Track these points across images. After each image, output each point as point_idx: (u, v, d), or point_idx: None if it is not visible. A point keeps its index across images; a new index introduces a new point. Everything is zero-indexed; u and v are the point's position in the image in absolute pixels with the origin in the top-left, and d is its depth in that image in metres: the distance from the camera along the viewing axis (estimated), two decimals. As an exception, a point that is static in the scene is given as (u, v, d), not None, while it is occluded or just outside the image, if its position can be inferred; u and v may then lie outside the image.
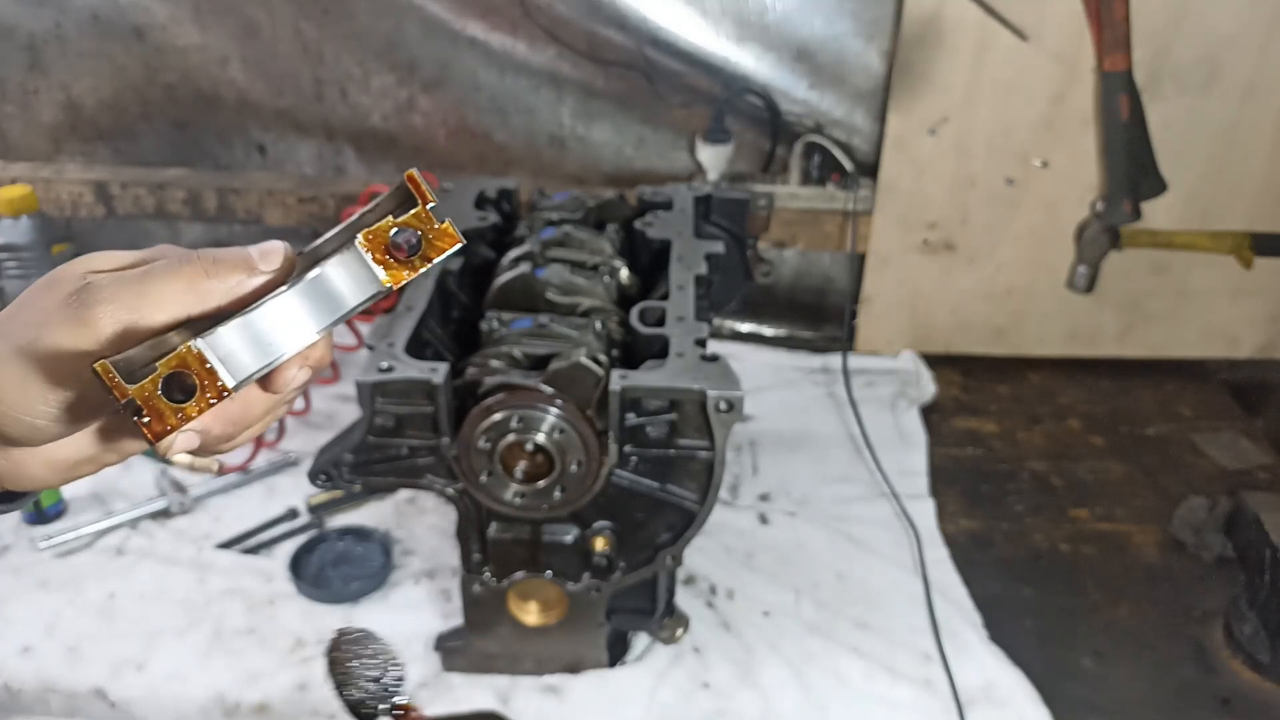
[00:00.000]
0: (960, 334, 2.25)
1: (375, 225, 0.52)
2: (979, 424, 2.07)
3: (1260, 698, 1.47)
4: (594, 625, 1.41)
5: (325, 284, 0.53)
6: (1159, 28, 1.86)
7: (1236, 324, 2.20)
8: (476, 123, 2.25)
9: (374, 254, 0.52)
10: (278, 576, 1.60)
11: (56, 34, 2.19)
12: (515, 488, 1.25)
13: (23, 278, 1.90)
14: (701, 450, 1.25)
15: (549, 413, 1.20)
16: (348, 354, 2.07)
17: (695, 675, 1.46)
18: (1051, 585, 1.67)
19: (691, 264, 1.45)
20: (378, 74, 2.21)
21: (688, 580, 1.63)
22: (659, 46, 2.12)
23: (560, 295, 1.38)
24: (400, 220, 0.51)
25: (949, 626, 1.55)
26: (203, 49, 2.19)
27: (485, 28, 2.15)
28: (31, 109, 2.28)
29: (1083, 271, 1.75)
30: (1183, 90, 1.94)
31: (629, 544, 1.33)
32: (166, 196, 2.22)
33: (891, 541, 1.73)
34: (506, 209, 1.66)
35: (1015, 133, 2.03)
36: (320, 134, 2.29)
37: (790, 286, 2.37)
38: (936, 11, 1.94)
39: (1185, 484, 1.87)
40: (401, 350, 1.23)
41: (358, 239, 0.51)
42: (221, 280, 0.52)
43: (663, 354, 1.25)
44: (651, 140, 2.26)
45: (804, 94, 2.15)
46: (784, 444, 1.96)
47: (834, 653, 1.50)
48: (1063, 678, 1.49)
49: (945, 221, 2.14)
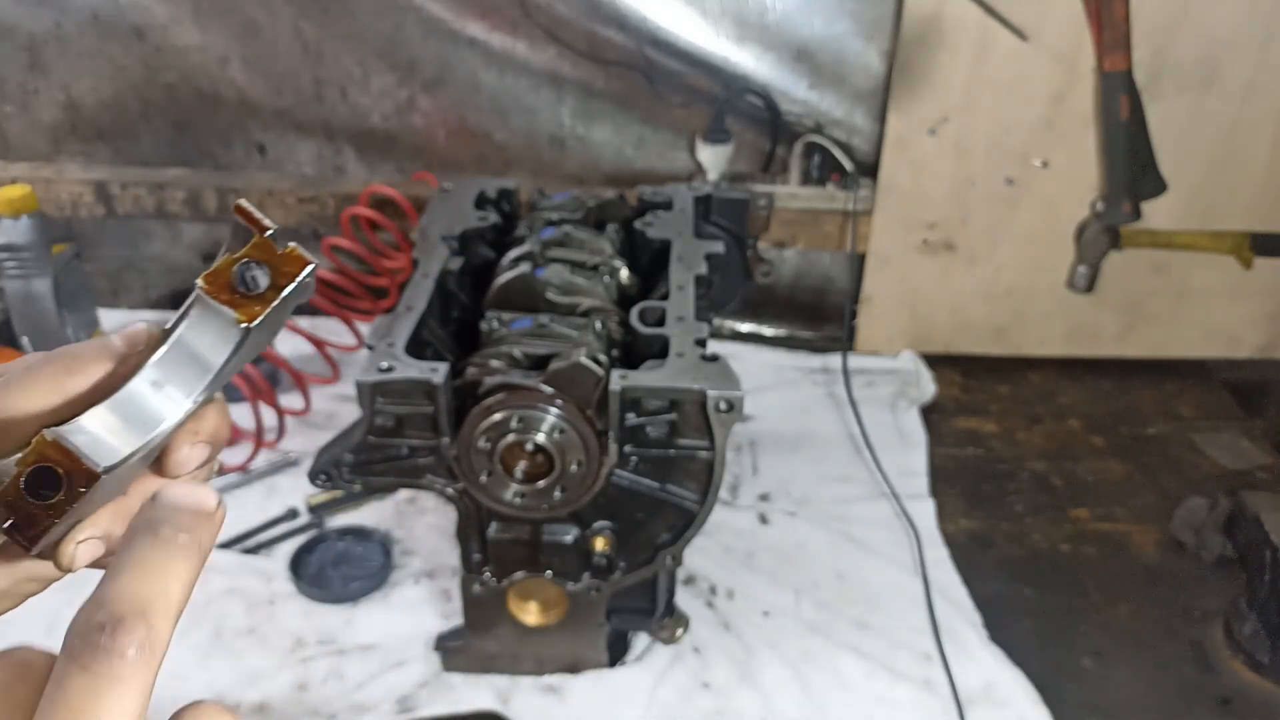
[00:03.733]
0: (960, 334, 2.25)
1: (214, 267, 0.48)
2: (979, 424, 2.07)
3: (1260, 698, 1.47)
4: (594, 625, 1.41)
5: (185, 346, 0.48)
6: (1159, 28, 1.86)
7: (1236, 324, 2.20)
8: (476, 123, 2.25)
9: (221, 297, 0.47)
10: (278, 576, 1.60)
11: (56, 34, 2.19)
12: (515, 488, 1.25)
13: (23, 278, 1.90)
14: (701, 450, 1.25)
15: (549, 413, 1.20)
16: (348, 354, 2.07)
17: (695, 675, 1.46)
18: (1051, 585, 1.67)
19: (691, 264, 1.45)
20: (378, 74, 2.21)
21: (688, 580, 1.63)
22: (659, 46, 2.12)
23: (560, 295, 1.38)
24: (239, 255, 0.47)
25: (949, 626, 1.55)
26: (203, 49, 2.19)
27: (485, 28, 2.15)
28: (31, 109, 2.28)
29: (1083, 271, 1.75)
30: (1183, 90, 1.94)
31: (629, 544, 1.33)
32: (166, 196, 2.22)
33: (891, 541, 1.73)
34: (506, 209, 1.65)
35: (1015, 133, 2.03)
36: (320, 134, 2.29)
37: (790, 286, 2.37)
38: (936, 11, 1.94)
39: (1185, 484, 1.87)
40: (401, 350, 1.23)
41: (199, 287, 0.47)
42: (84, 373, 0.48)
43: (663, 354, 1.25)
44: (651, 140, 2.26)
45: (804, 94, 2.15)
46: (784, 444, 1.96)
47: (834, 653, 1.50)
48: (1063, 678, 1.49)
49: (945, 221, 2.14)
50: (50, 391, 0.48)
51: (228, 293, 0.47)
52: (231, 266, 0.47)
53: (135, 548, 0.42)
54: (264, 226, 0.47)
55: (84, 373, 0.49)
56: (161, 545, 0.42)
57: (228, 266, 0.47)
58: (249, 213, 0.48)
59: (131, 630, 0.39)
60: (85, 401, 0.48)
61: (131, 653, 0.38)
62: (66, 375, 0.48)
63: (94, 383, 0.49)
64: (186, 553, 0.43)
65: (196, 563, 0.43)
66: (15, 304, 1.93)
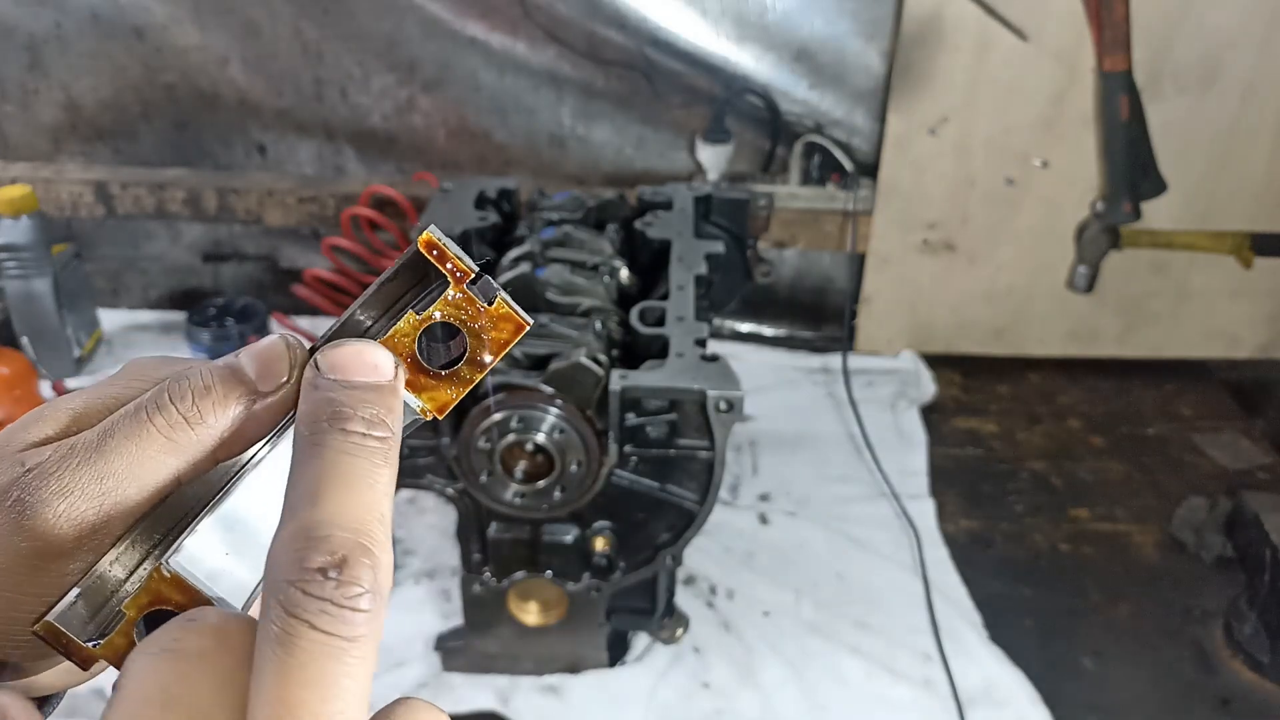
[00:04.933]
0: (960, 334, 2.25)
1: (393, 329, 0.35)
2: (979, 424, 2.07)
3: (1260, 698, 1.47)
4: (594, 625, 1.41)
5: None
6: (1159, 28, 1.86)
7: (1236, 324, 2.20)
8: (476, 123, 2.25)
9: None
10: (278, 576, 1.60)
11: (56, 34, 2.19)
12: (515, 488, 1.25)
13: (23, 278, 1.90)
14: (701, 450, 1.25)
15: (549, 413, 1.20)
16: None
17: (695, 675, 1.46)
18: (1051, 585, 1.67)
19: (691, 264, 1.45)
20: (378, 74, 2.21)
21: (688, 580, 1.63)
22: (659, 46, 2.12)
23: (560, 295, 1.38)
24: (427, 313, 0.35)
25: (949, 626, 1.55)
26: (203, 49, 2.19)
27: (485, 28, 2.15)
28: (31, 109, 2.28)
29: (1083, 271, 1.75)
30: (1183, 90, 1.94)
31: (629, 544, 1.33)
32: (166, 196, 2.22)
33: (891, 541, 1.73)
34: (506, 209, 1.66)
35: (1015, 133, 2.03)
36: (320, 134, 2.29)
37: (790, 286, 2.37)
38: (936, 11, 1.94)
39: (1185, 484, 1.87)
40: (401, 350, 1.23)
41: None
42: (207, 424, 0.36)
43: (663, 354, 1.25)
44: (651, 140, 2.26)
45: (804, 94, 2.15)
46: (784, 444, 1.96)
47: (834, 653, 1.50)
48: (1063, 678, 1.49)
49: (945, 221, 2.14)
50: (162, 452, 0.35)
51: (409, 365, 0.35)
52: (418, 330, 0.35)
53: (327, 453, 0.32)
54: (465, 271, 0.35)
55: (205, 421, 0.36)
56: (357, 446, 0.32)
57: (413, 330, 0.35)
58: (443, 249, 0.34)
59: (360, 571, 0.29)
60: (207, 461, 0.36)
61: (365, 602, 0.29)
62: (184, 428, 0.35)
63: (220, 437, 0.36)
64: (387, 452, 0.33)
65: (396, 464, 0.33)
66: (15, 304, 1.93)
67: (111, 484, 0.34)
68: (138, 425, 0.35)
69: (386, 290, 0.36)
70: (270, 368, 0.36)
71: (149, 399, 0.36)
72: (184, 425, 0.35)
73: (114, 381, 0.39)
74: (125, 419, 0.35)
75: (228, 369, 0.36)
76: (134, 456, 0.35)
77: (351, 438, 0.32)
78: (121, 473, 0.34)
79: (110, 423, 0.36)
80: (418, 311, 0.35)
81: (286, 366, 0.36)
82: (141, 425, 0.35)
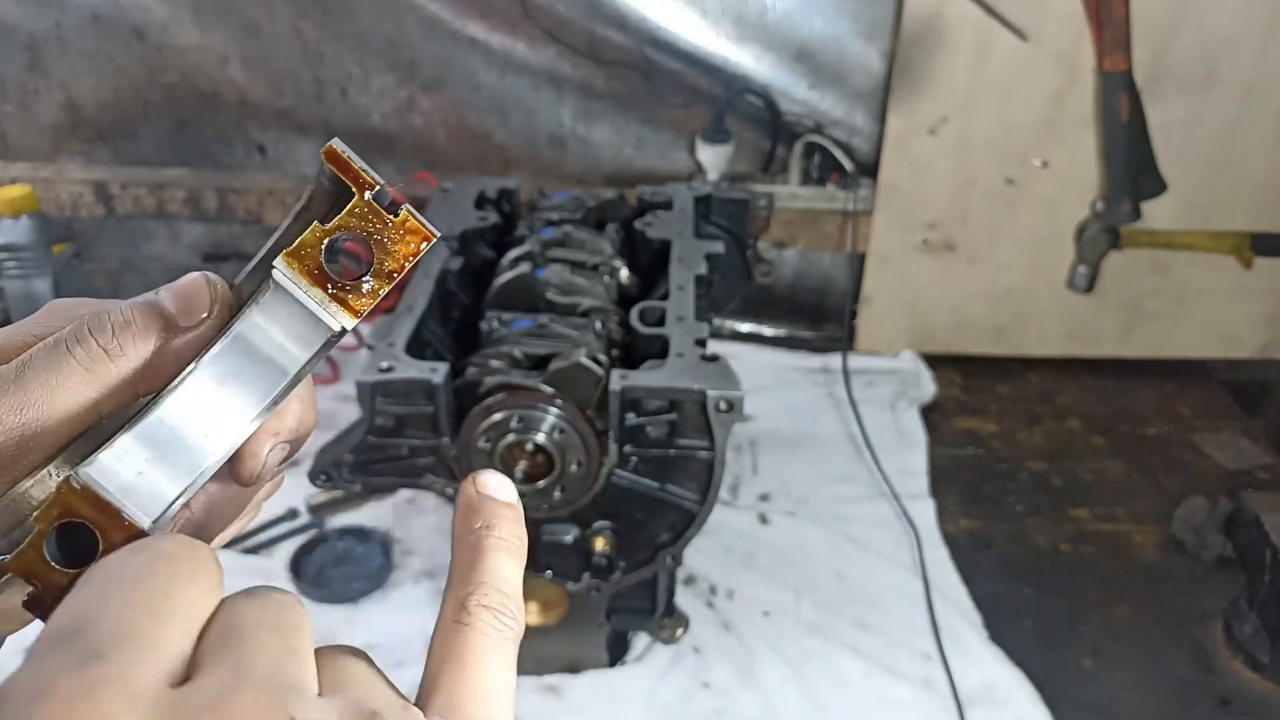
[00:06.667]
0: (960, 334, 2.25)
1: (298, 240, 0.35)
2: (979, 424, 2.07)
3: (1260, 698, 1.47)
4: (594, 625, 1.41)
5: (248, 345, 0.36)
6: (1159, 28, 1.86)
7: (1236, 324, 2.20)
8: (476, 123, 2.26)
9: (307, 283, 0.35)
10: (278, 576, 1.60)
11: (56, 34, 2.19)
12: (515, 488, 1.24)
13: (23, 278, 1.90)
14: (701, 450, 1.25)
15: (549, 413, 1.20)
16: (348, 354, 2.07)
17: (695, 675, 1.46)
18: (1051, 585, 1.67)
19: (691, 264, 1.45)
20: (378, 74, 2.21)
21: (688, 580, 1.62)
22: (659, 46, 2.12)
23: (560, 295, 1.38)
24: (333, 225, 0.35)
25: (949, 626, 1.55)
26: (203, 49, 2.19)
27: (485, 28, 2.15)
28: (31, 109, 2.28)
29: (1083, 271, 1.75)
30: (1183, 90, 1.94)
31: (629, 544, 1.33)
32: (166, 196, 2.22)
33: (891, 541, 1.73)
34: (506, 209, 1.66)
35: (1015, 133, 2.03)
36: (320, 134, 2.29)
37: (790, 286, 2.37)
38: (936, 11, 1.94)
39: (1185, 484, 1.87)
40: (401, 350, 1.23)
41: (277, 269, 0.35)
42: (125, 354, 0.36)
43: (663, 354, 1.25)
44: (651, 140, 2.26)
45: (804, 94, 2.15)
46: (784, 444, 1.96)
47: (834, 653, 1.50)
48: (1063, 678, 1.49)
49: (945, 221, 2.14)
50: (82, 383, 0.36)
51: (315, 276, 0.35)
52: (322, 241, 0.35)
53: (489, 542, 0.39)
54: (366, 182, 0.35)
55: (125, 353, 0.37)
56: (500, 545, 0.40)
57: (317, 241, 0.35)
58: (347, 161, 0.35)
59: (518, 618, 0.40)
60: (126, 392, 0.37)
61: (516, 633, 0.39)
62: (103, 359, 0.36)
63: (137, 367, 0.37)
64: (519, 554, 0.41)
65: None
66: (15, 304, 1.93)
67: (31, 414, 0.35)
68: (56, 357, 0.36)
69: (304, 209, 0.38)
70: (190, 303, 0.37)
71: (68, 333, 0.37)
72: (104, 357, 0.36)
73: (34, 320, 0.40)
74: (44, 351, 0.37)
75: (148, 305, 0.38)
76: (52, 387, 0.36)
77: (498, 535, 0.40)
78: (40, 403, 0.36)
79: (29, 355, 0.37)
80: (324, 223, 0.35)
81: (207, 301, 0.37)
82: (61, 357, 0.36)
